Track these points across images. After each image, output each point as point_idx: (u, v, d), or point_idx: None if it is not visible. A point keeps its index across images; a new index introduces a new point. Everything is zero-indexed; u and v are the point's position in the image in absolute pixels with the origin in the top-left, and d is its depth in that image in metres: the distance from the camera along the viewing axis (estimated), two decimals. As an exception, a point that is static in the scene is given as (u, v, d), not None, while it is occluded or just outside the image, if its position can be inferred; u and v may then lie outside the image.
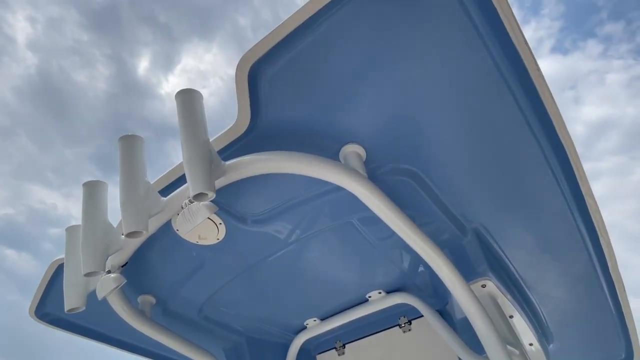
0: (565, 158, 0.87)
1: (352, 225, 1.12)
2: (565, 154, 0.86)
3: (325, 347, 1.74)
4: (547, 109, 0.77)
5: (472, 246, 1.12)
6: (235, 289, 1.39)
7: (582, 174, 0.89)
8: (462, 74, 0.77)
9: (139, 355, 1.69)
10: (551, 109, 0.78)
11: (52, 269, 1.23)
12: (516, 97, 0.79)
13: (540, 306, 1.43)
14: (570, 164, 0.88)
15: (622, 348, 1.69)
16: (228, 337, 1.65)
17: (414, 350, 1.43)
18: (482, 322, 0.91)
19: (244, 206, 1.04)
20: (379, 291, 1.40)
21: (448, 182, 0.98)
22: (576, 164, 0.88)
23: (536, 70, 0.72)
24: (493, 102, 0.82)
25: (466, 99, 0.82)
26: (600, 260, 1.14)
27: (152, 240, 1.14)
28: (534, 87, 0.75)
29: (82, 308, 1.04)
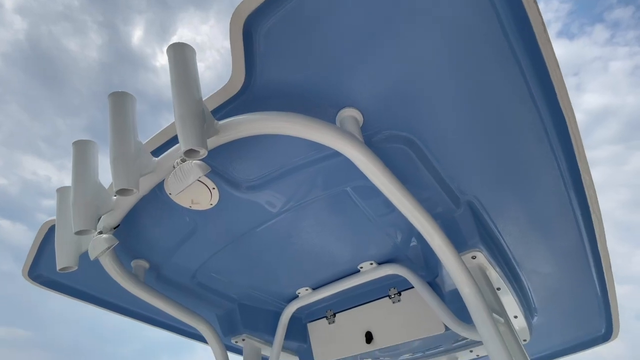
0: (565, 131, 0.85)
1: (346, 194, 1.11)
2: (566, 126, 0.85)
3: (316, 315, 1.78)
4: (552, 78, 0.74)
5: (465, 218, 1.12)
6: (228, 257, 1.40)
7: (580, 149, 0.88)
8: (467, 41, 0.74)
9: (133, 318, 1.72)
10: (556, 78, 0.76)
11: (43, 230, 1.22)
12: (521, 65, 0.76)
13: (527, 281, 1.46)
14: (569, 137, 0.87)
15: (602, 324, 1.75)
16: (221, 304, 1.68)
17: (403, 320, 1.47)
18: (471, 292, 0.92)
19: (237, 171, 1.02)
20: (370, 262, 1.42)
21: (445, 152, 0.97)
22: (576, 137, 0.87)
23: (544, 33, 0.69)
24: (497, 70, 0.79)
25: (469, 67, 0.79)
26: (590, 236, 1.16)
27: (145, 204, 1.13)
28: (541, 54, 0.72)
29: (75, 268, 1.04)
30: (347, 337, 1.61)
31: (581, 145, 0.88)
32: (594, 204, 1.02)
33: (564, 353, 2.11)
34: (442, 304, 1.24)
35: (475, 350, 1.75)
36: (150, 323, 1.79)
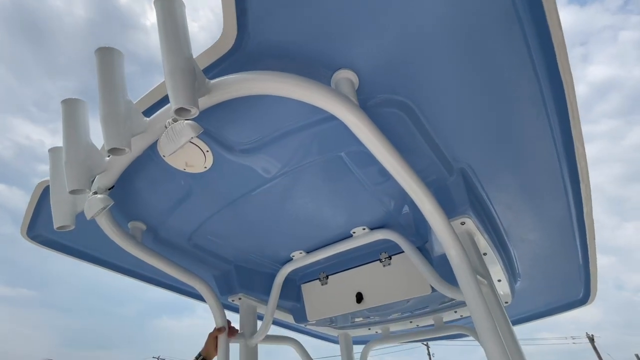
0: (563, 99, 0.84)
1: (340, 159, 1.11)
2: (564, 94, 0.83)
3: (309, 277, 1.86)
4: (553, 37, 0.72)
5: (457, 186, 1.14)
6: (223, 220, 1.42)
7: (576, 118, 0.88)
8: (469, 4, 0.70)
9: (133, 278, 1.78)
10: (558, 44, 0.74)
11: (38, 190, 1.23)
12: (525, 31, 0.74)
13: (513, 248, 1.52)
14: (566, 106, 0.86)
15: (580, 289, 1.85)
16: (218, 265, 1.74)
17: (392, 282, 1.54)
18: (457, 254, 0.96)
19: (231, 134, 1.01)
20: (363, 227, 1.45)
21: (441, 118, 0.96)
22: (572, 106, 0.86)
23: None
24: (499, 36, 0.76)
25: (470, 31, 0.76)
26: (577, 206, 1.18)
27: (139, 166, 1.13)
28: (545, 20, 0.69)
29: (72, 227, 1.06)
30: (339, 297, 1.69)
31: (577, 115, 0.88)
32: (584, 174, 1.03)
33: (543, 315, 2.25)
34: (430, 267, 1.29)
35: (459, 311, 1.85)
36: (150, 282, 1.86)
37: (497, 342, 0.86)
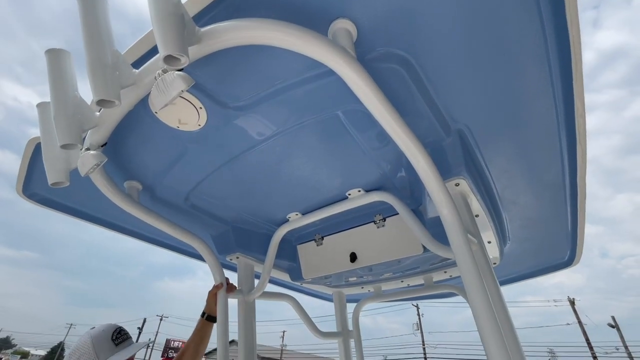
0: (567, 53, 0.81)
1: (337, 119, 1.09)
2: (569, 48, 0.80)
3: (305, 238, 1.91)
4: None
5: (453, 147, 1.13)
6: (219, 180, 1.42)
7: (579, 73, 0.85)
8: None
9: (132, 237, 1.82)
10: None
11: (30, 146, 1.21)
12: None
13: (505, 211, 1.55)
14: (570, 61, 0.83)
15: (566, 252, 1.91)
16: (215, 225, 1.77)
17: (385, 242, 1.58)
18: (449, 213, 0.97)
19: (224, 89, 0.99)
20: (358, 190, 1.47)
21: (441, 75, 0.93)
22: (577, 62, 0.83)
23: None
24: None
25: None
26: (571, 168, 1.19)
27: (132, 123, 1.11)
28: None
29: (66, 183, 1.06)
30: (333, 256, 1.75)
31: (580, 71, 0.85)
32: (581, 134, 1.03)
33: (529, 276, 2.35)
34: (423, 228, 1.32)
35: (449, 271, 1.93)
36: (150, 241, 1.90)
37: (485, 300, 0.89)
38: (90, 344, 1.14)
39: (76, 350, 1.14)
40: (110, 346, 1.15)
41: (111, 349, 1.15)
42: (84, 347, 1.14)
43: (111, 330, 1.20)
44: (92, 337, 1.15)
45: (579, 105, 0.93)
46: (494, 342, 0.84)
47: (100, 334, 1.18)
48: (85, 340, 1.15)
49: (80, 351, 1.13)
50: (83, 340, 1.16)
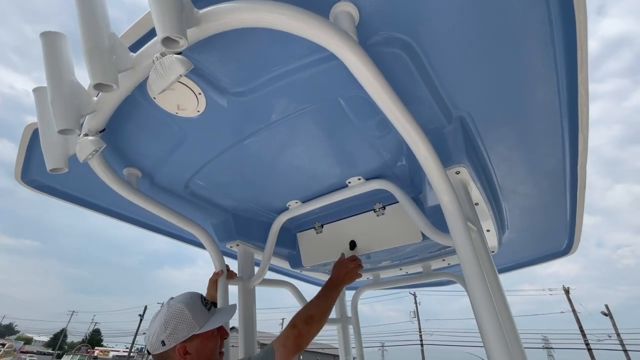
0: (573, 38, 0.80)
1: (338, 105, 1.08)
2: (575, 33, 0.79)
3: (305, 226, 1.91)
4: None
5: (454, 134, 1.13)
6: (219, 168, 1.42)
7: (584, 59, 0.84)
8: None
9: (130, 224, 1.82)
10: None
11: (28, 132, 1.20)
12: None
13: (504, 200, 1.55)
14: (576, 47, 0.82)
15: (564, 241, 1.93)
16: (215, 213, 1.77)
17: (385, 231, 1.59)
18: (449, 200, 0.97)
19: (223, 74, 0.97)
20: (358, 178, 1.46)
21: (444, 60, 0.91)
22: (582, 47, 0.82)
23: None
24: None
25: None
26: (572, 157, 1.19)
27: (130, 109, 1.10)
28: None
29: (65, 169, 1.05)
30: (333, 244, 1.76)
31: (586, 58, 0.84)
32: (584, 122, 1.02)
33: (526, 265, 2.37)
34: (422, 216, 1.33)
35: (447, 259, 1.95)
36: (150, 229, 1.91)
37: (483, 288, 0.89)
38: (186, 311, 1.05)
39: (170, 320, 1.04)
40: (203, 311, 1.08)
41: (205, 314, 1.07)
42: (179, 315, 1.04)
43: (199, 296, 1.13)
44: (185, 304, 1.06)
45: (582, 92, 0.92)
46: (492, 329, 0.84)
47: (191, 300, 1.09)
48: (177, 308, 1.05)
49: (175, 320, 1.03)
50: (174, 309, 1.05)
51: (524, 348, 1.04)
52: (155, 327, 1.05)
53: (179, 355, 1.01)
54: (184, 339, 1.02)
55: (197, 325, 1.05)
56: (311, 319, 1.14)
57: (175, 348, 1.02)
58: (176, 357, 1.02)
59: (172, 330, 1.02)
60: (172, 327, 1.03)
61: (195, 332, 1.04)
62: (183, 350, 1.02)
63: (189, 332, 1.03)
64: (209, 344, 1.07)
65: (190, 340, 1.03)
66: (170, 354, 1.02)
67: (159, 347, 1.02)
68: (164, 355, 1.03)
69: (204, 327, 1.05)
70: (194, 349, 1.03)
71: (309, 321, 1.13)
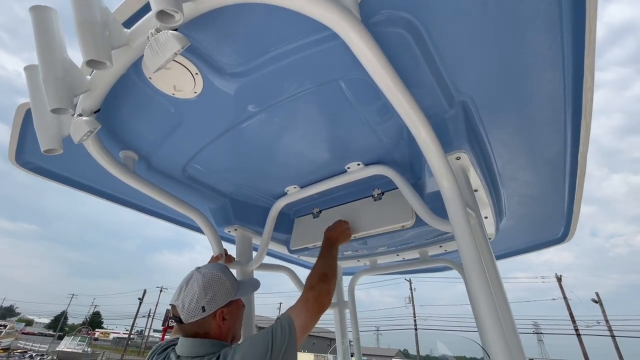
0: (582, 20, 0.78)
1: (339, 88, 1.06)
2: (584, 15, 0.77)
3: (303, 212, 1.91)
4: None
5: (456, 120, 1.11)
6: (216, 152, 1.40)
7: (592, 42, 0.82)
8: None
9: (128, 207, 1.81)
10: None
11: (20, 112, 1.17)
12: None
13: (503, 187, 1.55)
14: (584, 30, 0.80)
15: (560, 228, 1.94)
16: (214, 198, 1.76)
17: (382, 215, 1.59)
18: (449, 186, 0.97)
19: (220, 54, 0.94)
20: (357, 163, 1.45)
21: (448, 42, 0.89)
22: (590, 30, 0.80)
23: None
24: None
25: None
26: (574, 143, 1.18)
27: (126, 90, 1.07)
28: None
29: (60, 151, 1.03)
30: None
31: (593, 41, 0.82)
32: (587, 109, 1.01)
33: (522, 252, 2.40)
34: (421, 202, 1.32)
35: (444, 245, 1.96)
36: (147, 213, 1.90)
37: (481, 273, 0.89)
38: (223, 277, 1.05)
39: (209, 286, 1.02)
40: (234, 279, 1.08)
41: (236, 282, 1.08)
42: (218, 281, 1.03)
43: (225, 265, 1.13)
44: (222, 271, 1.06)
45: (588, 77, 0.90)
46: (488, 314, 0.85)
47: (223, 268, 1.09)
48: (215, 274, 1.05)
49: (215, 286, 1.02)
50: (212, 276, 1.04)
51: (519, 334, 1.06)
52: (192, 294, 1.01)
53: (219, 321, 1.01)
54: (223, 304, 1.03)
55: (233, 291, 1.05)
56: (325, 276, 1.16)
57: (215, 314, 1.01)
58: (214, 323, 1.01)
59: (213, 296, 1.01)
60: (213, 293, 1.02)
61: (231, 298, 1.04)
62: (222, 316, 1.02)
63: (227, 298, 1.04)
64: (239, 312, 1.10)
65: (227, 305, 1.04)
66: (209, 320, 1.01)
67: (199, 313, 1.00)
68: (200, 322, 1.00)
69: (239, 294, 1.07)
70: (230, 314, 1.04)
71: (324, 278, 1.14)
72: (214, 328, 1.01)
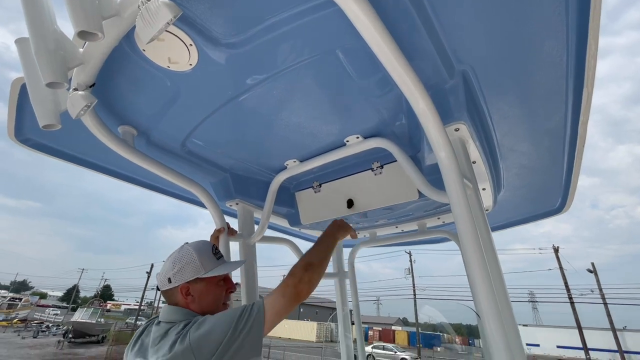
0: None
1: (337, 58, 1.04)
2: None
3: (303, 186, 1.93)
4: None
5: (455, 90, 1.09)
6: (215, 126, 1.40)
7: (597, 6, 0.79)
8: None
9: (130, 183, 1.83)
10: None
11: (16, 87, 1.16)
12: None
13: (502, 159, 1.55)
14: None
15: (558, 199, 1.96)
16: (214, 172, 1.78)
17: (382, 189, 1.61)
18: (447, 156, 0.97)
19: (214, 24, 0.92)
20: (357, 136, 1.45)
21: (449, 8, 0.86)
22: None
23: None
24: None
25: None
26: (575, 112, 1.16)
27: (119, 62, 1.05)
28: None
29: (58, 126, 1.03)
30: (331, 203, 1.79)
31: (599, 6, 0.79)
32: (590, 77, 0.99)
33: (518, 223, 2.44)
34: (420, 174, 1.33)
35: (442, 217, 1.99)
36: (149, 188, 1.93)
37: (476, 244, 0.91)
38: (195, 254, 1.10)
39: (178, 260, 1.09)
40: (211, 259, 1.12)
41: (212, 261, 1.11)
42: (187, 257, 1.09)
43: (210, 245, 1.17)
44: (195, 249, 1.11)
45: (592, 44, 0.87)
46: (481, 282, 0.88)
47: (202, 246, 1.14)
48: (187, 251, 1.11)
49: (183, 261, 1.09)
50: (185, 252, 1.11)
51: (510, 301, 1.10)
52: (165, 266, 1.11)
53: (181, 295, 1.07)
54: (188, 279, 1.07)
55: (203, 269, 1.09)
56: (310, 265, 1.12)
57: (179, 287, 1.07)
58: (180, 296, 1.07)
59: (179, 270, 1.08)
60: (179, 267, 1.08)
61: (199, 276, 1.08)
62: (185, 291, 1.07)
63: (193, 275, 1.08)
64: (212, 291, 1.11)
65: (194, 282, 1.08)
66: (174, 292, 1.08)
67: (166, 283, 1.09)
68: (169, 292, 1.09)
69: (209, 273, 1.10)
70: (196, 292, 1.08)
71: (307, 268, 1.11)
72: (180, 301, 1.08)
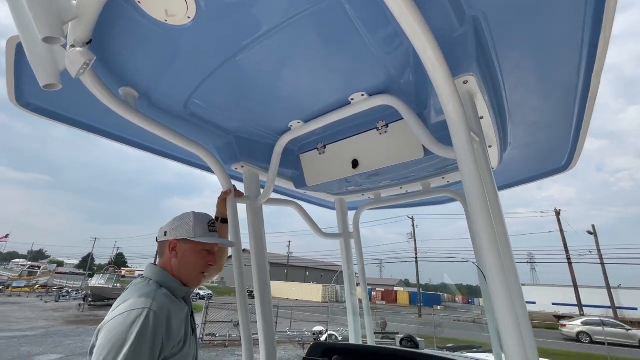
0: None
1: (342, 8, 0.98)
2: None
3: (308, 147, 1.93)
4: None
5: (465, 39, 1.05)
6: (217, 86, 1.37)
7: None
8: None
9: (132, 146, 1.83)
10: None
11: (12, 47, 1.13)
12: None
13: (510, 114, 1.52)
14: None
15: (565, 157, 1.94)
16: (218, 135, 1.77)
17: (387, 148, 1.60)
18: (454, 109, 0.95)
19: None
20: (362, 93, 1.41)
21: None
22: None
23: None
24: None
25: None
26: (589, 62, 1.12)
27: (115, 17, 1.01)
28: None
29: (59, 86, 1.02)
30: (336, 164, 1.79)
31: None
32: (608, 21, 0.93)
33: (523, 182, 2.43)
34: (426, 131, 1.31)
35: (447, 177, 2.00)
36: (153, 152, 1.93)
37: (482, 200, 0.90)
38: (192, 219, 1.25)
39: (178, 220, 1.25)
40: (205, 228, 1.26)
41: (204, 231, 1.25)
42: (185, 220, 1.25)
43: (209, 218, 1.31)
44: (194, 216, 1.26)
45: None
46: (487, 241, 0.88)
47: (201, 217, 1.28)
48: (187, 216, 1.26)
49: (180, 221, 1.24)
50: (186, 216, 1.27)
51: (515, 262, 1.12)
52: (167, 222, 1.28)
53: (169, 249, 1.22)
54: (179, 237, 1.22)
55: (193, 233, 1.23)
56: None
57: (169, 241, 1.22)
58: (167, 249, 1.22)
59: (175, 228, 1.24)
60: (176, 225, 1.24)
61: (188, 237, 1.22)
62: (173, 246, 1.21)
63: (184, 235, 1.22)
64: (193, 256, 1.23)
65: (182, 241, 1.22)
66: (165, 245, 1.23)
67: (162, 236, 1.25)
68: (161, 244, 1.25)
69: (197, 238, 1.22)
70: (181, 250, 1.22)
71: None
72: (166, 255, 1.22)
